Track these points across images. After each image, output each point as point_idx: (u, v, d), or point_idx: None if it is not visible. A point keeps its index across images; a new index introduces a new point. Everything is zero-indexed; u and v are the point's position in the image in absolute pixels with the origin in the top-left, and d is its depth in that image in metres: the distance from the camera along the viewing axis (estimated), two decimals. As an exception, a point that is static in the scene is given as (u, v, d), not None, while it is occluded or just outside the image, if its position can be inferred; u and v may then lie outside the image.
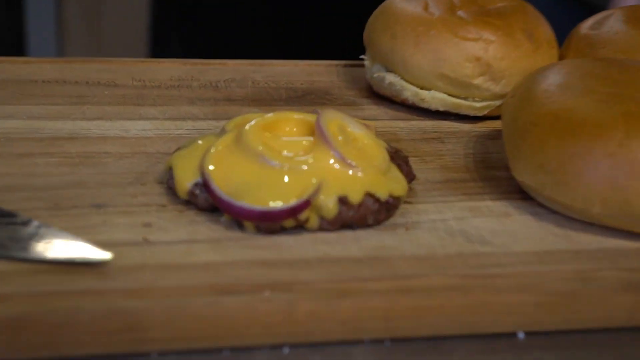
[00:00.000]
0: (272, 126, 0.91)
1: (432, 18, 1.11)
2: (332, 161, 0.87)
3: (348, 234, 0.86)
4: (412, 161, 1.00)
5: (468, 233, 0.88)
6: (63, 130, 1.01)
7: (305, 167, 0.86)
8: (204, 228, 0.85)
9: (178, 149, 0.93)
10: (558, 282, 0.81)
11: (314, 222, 0.85)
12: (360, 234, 0.86)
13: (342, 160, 0.87)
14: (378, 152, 0.91)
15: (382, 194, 0.87)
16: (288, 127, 0.92)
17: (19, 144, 0.97)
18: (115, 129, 1.03)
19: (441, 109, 1.12)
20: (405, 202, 0.92)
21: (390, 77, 1.14)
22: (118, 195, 0.89)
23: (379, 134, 1.03)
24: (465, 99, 1.12)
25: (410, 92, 1.12)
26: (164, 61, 1.23)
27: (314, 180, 0.85)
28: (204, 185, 0.86)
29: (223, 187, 0.85)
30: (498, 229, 0.89)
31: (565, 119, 0.90)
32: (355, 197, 0.85)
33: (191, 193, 0.87)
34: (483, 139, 1.09)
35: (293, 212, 0.83)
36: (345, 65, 1.28)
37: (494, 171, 1.01)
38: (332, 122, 0.90)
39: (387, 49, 1.13)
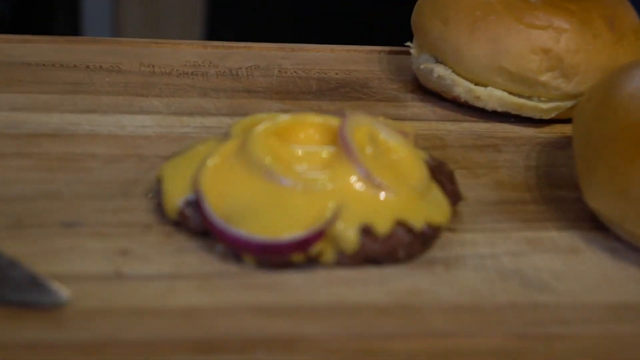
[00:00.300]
0: (285, 132, 0.74)
1: (492, 1, 0.92)
2: (355, 179, 0.70)
3: (372, 272, 0.69)
4: (461, 175, 0.82)
5: (525, 275, 0.70)
6: (48, 125, 0.86)
7: (321, 187, 0.69)
8: (193, 259, 0.68)
9: (173, 155, 0.77)
10: None
11: (329, 256, 0.68)
12: (388, 272, 0.69)
13: (368, 178, 0.69)
14: (416, 168, 0.73)
15: (417, 222, 0.69)
16: (306, 133, 0.75)
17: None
18: (109, 124, 0.87)
19: (499, 109, 0.94)
20: (448, 230, 0.74)
21: (439, 70, 0.96)
22: (95, 211, 0.73)
23: (422, 139, 0.85)
24: (529, 98, 0.93)
25: (462, 88, 0.94)
26: (182, 43, 1.07)
27: (331, 205, 0.68)
28: (197, 204, 0.69)
29: (219, 208, 0.68)
30: (563, 270, 0.71)
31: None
32: (382, 226, 0.68)
33: (181, 213, 0.70)
34: (549, 148, 0.91)
35: (302, 245, 0.66)
36: (390, 53, 1.10)
37: (561, 191, 0.82)
38: (360, 129, 0.73)
39: (437, 36, 0.95)
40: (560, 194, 0.82)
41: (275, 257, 0.67)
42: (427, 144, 0.88)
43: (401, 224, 0.69)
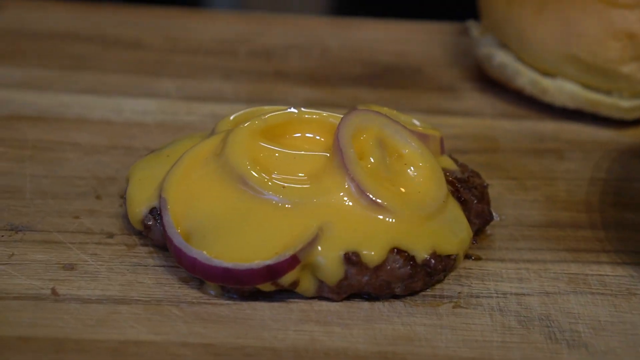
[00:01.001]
0: (277, 131, 0.61)
1: (567, -26, 0.77)
2: (344, 195, 0.57)
3: (360, 308, 0.57)
4: (506, 187, 0.68)
5: (555, 323, 0.56)
6: (34, 105, 0.76)
7: (303, 202, 0.56)
8: (149, 279, 0.57)
9: (152, 152, 0.65)
10: None
11: (308, 287, 0.56)
12: (380, 308, 0.57)
13: (361, 194, 0.56)
14: (430, 183, 0.60)
15: (421, 250, 0.56)
16: (303, 133, 0.62)
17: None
18: (105, 108, 0.76)
19: (570, 105, 0.78)
20: (471, 258, 0.60)
21: (501, 56, 0.81)
22: (53, 213, 0.63)
23: (470, 139, 0.74)
24: (607, 93, 0.78)
25: (527, 78, 0.79)
26: (218, 14, 0.94)
27: (311, 225, 0.55)
28: (159, 214, 0.58)
29: (182, 221, 0.57)
30: (607, 321, 0.56)
31: None
32: (372, 254, 0.55)
33: (144, 222, 0.59)
34: (626, 157, 0.75)
35: (269, 274, 0.54)
36: (454, 33, 0.94)
37: (630, 213, 0.67)
38: (365, 131, 0.60)
39: (500, 16, 0.81)
40: (627, 217, 0.67)
41: (238, 286, 0.55)
42: (474, 146, 0.74)
43: (399, 252, 0.56)
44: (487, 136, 0.77)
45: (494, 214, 0.64)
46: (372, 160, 0.59)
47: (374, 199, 0.56)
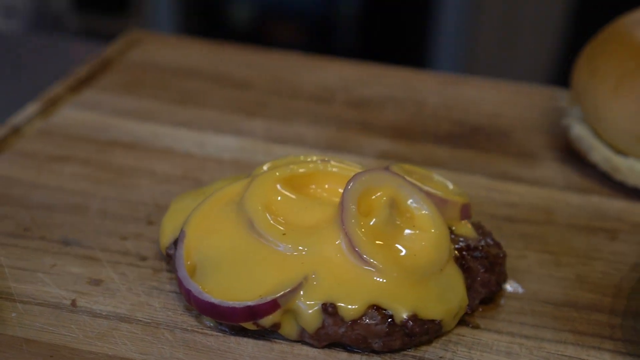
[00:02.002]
0: (302, 180, 0.65)
1: (653, 52, 0.75)
2: (335, 249, 0.60)
3: (339, 357, 0.60)
4: (539, 261, 0.69)
5: (522, 402, 0.56)
6: (131, 133, 0.84)
7: (299, 251, 0.60)
8: (159, 302, 0.63)
9: (193, 189, 0.72)
10: None
11: (290, 330, 0.60)
12: (357, 361, 0.58)
13: (352, 250, 0.59)
14: (431, 247, 0.61)
15: (400, 311, 0.58)
16: (328, 184, 0.66)
17: (71, 144, 0.82)
18: (192, 141, 0.84)
19: (642, 186, 0.76)
20: (469, 325, 0.62)
21: (578, 129, 0.81)
22: (104, 233, 0.70)
23: (526, 209, 0.75)
24: (682, 178, 0.75)
25: (600, 154, 0.78)
26: (331, 61, 1.00)
27: (298, 273, 0.59)
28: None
29: (193, 254, 0.63)
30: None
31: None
32: (349, 307, 0.58)
33: (167, 251, 0.65)
34: (685, 247, 0.72)
35: (250, 314, 0.58)
36: (553, 98, 0.94)
37: (658, 305, 0.65)
38: (380, 190, 0.63)
39: (582, 88, 0.80)
40: (655, 308, 0.65)
41: (222, 321, 0.60)
42: (526, 216, 0.75)
43: (378, 310, 0.58)
44: (544, 207, 0.76)
45: (511, 284, 0.65)
46: (375, 219, 0.61)
47: (362, 255, 0.59)
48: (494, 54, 2.30)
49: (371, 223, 0.61)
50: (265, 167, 0.68)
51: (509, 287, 0.67)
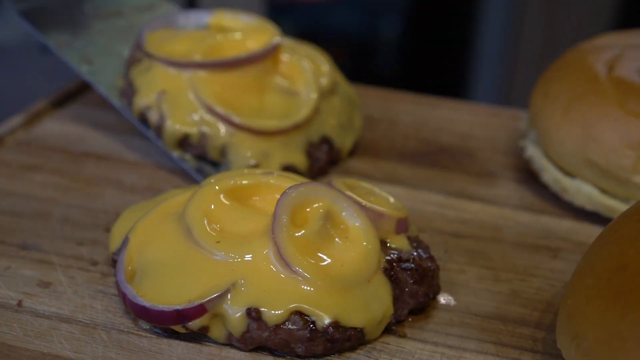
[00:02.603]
0: (246, 192, 0.68)
1: (601, 78, 0.77)
2: (264, 257, 0.63)
3: (263, 360, 0.61)
4: (479, 276, 0.72)
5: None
6: (104, 146, 0.89)
7: (231, 258, 0.63)
8: (101, 304, 0.67)
9: (145, 199, 0.75)
10: None
11: (218, 334, 0.63)
12: (281, 365, 0.61)
13: (279, 258, 0.62)
14: (359, 258, 0.64)
15: (322, 318, 0.61)
16: (270, 196, 0.68)
17: (46, 154, 0.87)
18: (163, 153, 0.86)
19: (588, 207, 0.78)
20: (396, 334, 0.64)
21: (531, 150, 0.83)
22: (62, 238, 0.74)
23: (477, 227, 0.78)
24: (624, 200, 0.77)
25: (550, 175, 0.80)
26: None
27: (226, 279, 0.62)
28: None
29: (135, 259, 0.66)
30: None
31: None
32: (272, 313, 0.61)
33: (113, 257, 0.69)
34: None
35: (178, 317, 0.61)
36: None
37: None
38: (315, 202, 0.65)
39: (536, 111, 0.82)
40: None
41: (153, 324, 0.63)
42: (475, 233, 0.77)
43: (301, 316, 0.61)
44: (494, 225, 0.78)
45: (444, 297, 0.68)
46: (304, 230, 0.64)
47: (288, 263, 0.62)
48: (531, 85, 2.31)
49: (301, 233, 0.64)
50: (212, 180, 0.71)
51: (442, 299, 0.68)
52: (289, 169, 0.81)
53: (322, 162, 0.84)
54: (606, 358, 0.53)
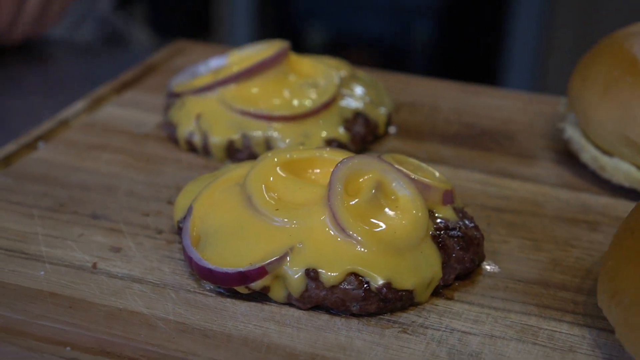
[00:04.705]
0: (301, 165, 0.73)
1: (637, 62, 0.81)
2: (321, 223, 0.68)
3: (320, 318, 0.67)
4: (521, 246, 0.76)
5: (479, 361, 0.62)
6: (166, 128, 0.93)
7: (289, 224, 0.68)
8: (169, 268, 0.72)
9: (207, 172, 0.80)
10: None
11: (278, 293, 0.67)
12: (336, 322, 0.66)
13: (337, 225, 0.67)
14: (408, 225, 0.68)
15: (376, 279, 0.65)
16: (324, 169, 0.73)
17: (109, 135, 0.93)
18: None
19: (625, 184, 0.83)
20: (444, 297, 0.68)
21: (570, 132, 0.87)
22: (129, 210, 0.79)
23: (517, 202, 0.82)
24: (662, 177, 0.80)
25: (589, 154, 0.84)
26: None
27: (287, 243, 0.67)
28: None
29: (199, 226, 0.71)
30: (530, 368, 0.62)
31: None
32: (329, 274, 0.65)
33: (178, 225, 0.74)
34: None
35: (241, 278, 0.66)
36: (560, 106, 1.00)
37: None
38: (367, 174, 0.70)
39: (575, 94, 0.86)
40: (622, 288, 0.71)
41: (218, 284, 0.68)
42: (516, 208, 0.81)
43: (356, 277, 0.66)
44: (534, 201, 0.83)
45: (489, 264, 0.72)
46: (358, 198, 0.69)
47: (344, 228, 0.67)
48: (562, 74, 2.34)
49: (355, 202, 0.68)
50: (269, 154, 0.76)
51: (487, 266, 0.73)
52: (332, 143, 0.86)
53: (362, 134, 0.89)
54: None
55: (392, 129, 0.95)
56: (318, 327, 0.65)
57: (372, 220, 0.68)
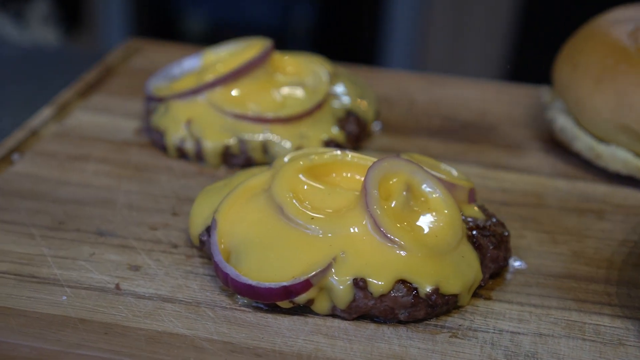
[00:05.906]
0: (322, 170, 0.71)
1: (630, 49, 0.83)
2: (362, 230, 0.66)
3: (368, 328, 0.65)
4: (537, 240, 0.76)
5: (537, 360, 0.62)
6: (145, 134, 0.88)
7: (326, 233, 0.65)
8: (196, 284, 0.68)
9: (215, 181, 0.77)
10: None
11: (323, 306, 0.65)
12: (385, 331, 0.65)
13: (378, 231, 0.65)
14: (446, 227, 0.67)
15: (424, 285, 0.64)
16: (346, 173, 0.71)
17: (88, 144, 0.88)
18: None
19: (623, 172, 0.84)
20: (482, 297, 0.68)
21: (562, 121, 0.87)
22: (134, 224, 0.75)
23: (519, 194, 0.82)
24: (658, 163, 0.82)
25: (583, 143, 0.85)
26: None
27: (328, 253, 0.64)
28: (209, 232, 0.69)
29: (226, 240, 0.68)
30: (587, 365, 0.62)
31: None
32: (378, 283, 0.64)
33: (200, 239, 0.70)
34: (665, 224, 0.79)
35: (285, 293, 0.64)
36: (534, 95, 1.02)
37: (647, 273, 0.72)
38: (396, 176, 0.69)
39: (565, 83, 0.87)
40: (644, 277, 0.72)
41: (260, 301, 0.65)
42: (520, 200, 0.81)
43: (404, 284, 0.64)
44: (535, 192, 0.83)
45: (515, 261, 0.72)
46: (395, 201, 0.67)
47: (387, 235, 0.65)
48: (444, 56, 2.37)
49: (392, 205, 0.67)
50: (285, 159, 0.74)
51: (513, 263, 0.73)
52: (329, 143, 0.84)
53: (356, 132, 0.87)
54: None
55: (376, 126, 0.93)
56: (368, 337, 0.64)
57: (410, 224, 0.67)
